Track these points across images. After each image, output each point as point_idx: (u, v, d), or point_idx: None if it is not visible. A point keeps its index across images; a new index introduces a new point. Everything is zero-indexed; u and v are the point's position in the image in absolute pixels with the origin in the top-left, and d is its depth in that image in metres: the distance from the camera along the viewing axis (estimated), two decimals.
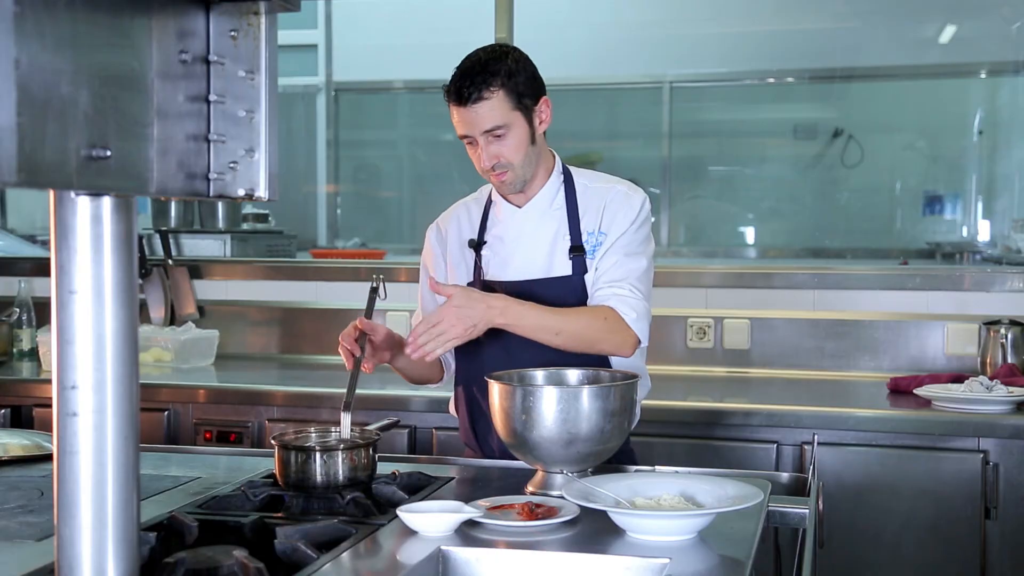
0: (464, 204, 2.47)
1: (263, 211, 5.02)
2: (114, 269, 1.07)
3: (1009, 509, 2.85)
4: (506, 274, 2.33)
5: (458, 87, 2.20)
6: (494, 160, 2.23)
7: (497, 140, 2.22)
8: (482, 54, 2.24)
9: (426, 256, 2.47)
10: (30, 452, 2.27)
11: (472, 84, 2.19)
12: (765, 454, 2.93)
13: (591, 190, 2.36)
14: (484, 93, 2.19)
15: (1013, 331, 3.35)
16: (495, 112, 2.20)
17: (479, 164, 2.27)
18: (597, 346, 2.22)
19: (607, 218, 2.31)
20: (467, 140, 2.25)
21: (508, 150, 2.23)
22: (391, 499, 1.88)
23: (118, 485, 1.09)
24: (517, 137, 2.23)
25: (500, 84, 2.20)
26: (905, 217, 6.51)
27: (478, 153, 2.25)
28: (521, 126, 2.24)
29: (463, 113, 2.21)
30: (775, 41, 6.46)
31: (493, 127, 2.21)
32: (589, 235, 2.31)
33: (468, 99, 2.19)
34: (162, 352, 3.75)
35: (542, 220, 2.33)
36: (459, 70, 2.23)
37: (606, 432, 1.91)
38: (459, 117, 2.23)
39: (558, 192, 2.35)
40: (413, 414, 3.16)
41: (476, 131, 2.22)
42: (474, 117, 2.21)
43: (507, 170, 2.25)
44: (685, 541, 1.66)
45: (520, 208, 2.35)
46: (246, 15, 1.18)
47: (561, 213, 2.33)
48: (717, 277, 3.75)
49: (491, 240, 2.36)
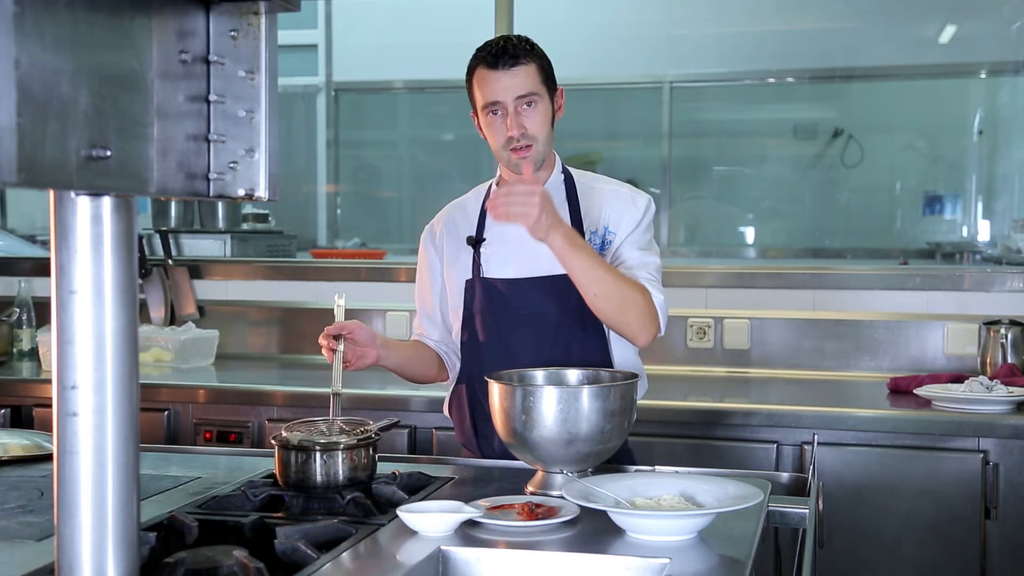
0: (459, 203, 2.47)
1: (263, 211, 5.02)
2: (114, 269, 1.07)
3: (1009, 509, 2.85)
4: (507, 271, 2.32)
5: (495, 52, 2.22)
6: (522, 130, 2.23)
7: (527, 109, 2.23)
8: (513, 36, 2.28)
9: (422, 256, 2.47)
10: (30, 452, 2.27)
11: (515, 50, 2.22)
12: (765, 454, 2.93)
13: (591, 190, 2.36)
14: (522, 59, 2.22)
15: (1013, 331, 3.35)
16: (529, 80, 2.22)
17: (501, 136, 2.23)
18: (626, 316, 2.15)
19: (613, 217, 2.32)
20: (492, 109, 2.23)
21: (535, 123, 2.24)
22: (391, 499, 1.88)
23: (118, 485, 1.09)
24: (544, 112, 2.25)
25: (535, 57, 2.25)
26: (905, 217, 6.51)
27: (503, 122, 2.23)
28: (547, 103, 2.26)
29: (497, 78, 2.21)
30: (775, 41, 6.46)
31: (527, 92, 2.22)
32: (592, 234, 2.32)
33: (504, 63, 2.20)
34: (162, 352, 3.75)
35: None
36: (491, 43, 2.24)
37: (606, 432, 1.91)
38: (491, 83, 2.22)
39: (559, 190, 2.35)
40: (413, 414, 3.16)
41: (509, 96, 2.21)
42: (511, 81, 2.21)
43: (531, 143, 2.25)
44: (685, 541, 1.66)
45: None
46: (246, 15, 1.18)
47: (563, 212, 2.33)
48: (717, 277, 3.75)
49: (491, 237, 2.36)
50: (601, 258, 2.19)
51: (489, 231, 2.36)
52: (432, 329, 2.46)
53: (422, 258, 2.46)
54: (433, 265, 2.44)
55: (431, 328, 2.46)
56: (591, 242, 2.30)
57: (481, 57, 2.25)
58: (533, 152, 2.25)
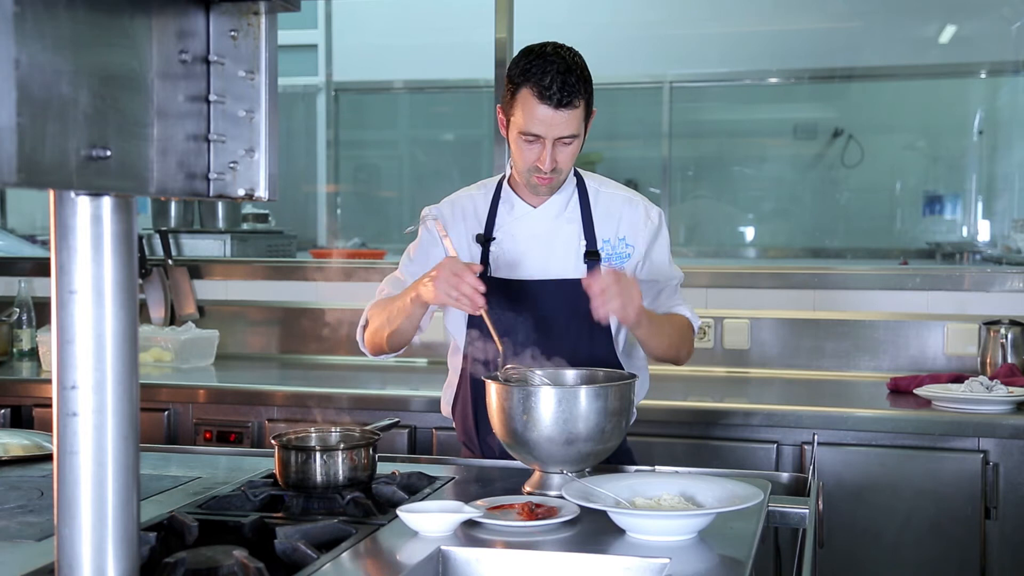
0: (469, 196, 2.43)
1: (263, 211, 5.02)
2: (114, 269, 1.07)
3: (1009, 509, 2.85)
4: (517, 272, 2.32)
5: (559, 90, 2.14)
6: (554, 164, 2.21)
7: (563, 146, 2.20)
8: (564, 53, 2.18)
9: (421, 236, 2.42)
10: (30, 452, 2.27)
11: (572, 90, 2.14)
12: (765, 454, 2.93)
13: (604, 195, 2.37)
14: (576, 101, 2.16)
15: (1013, 331, 3.35)
16: (575, 121, 2.18)
17: (531, 161, 2.22)
18: (677, 353, 2.33)
19: (629, 231, 2.35)
20: (529, 139, 2.20)
21: (567, 157, 2.23)
22: (391, 499, 1.88)
23: (118, 485, 1.09)
24: (577, 146, 2.24)
25: (585, 92, 2.19)
26: (905, 217, 6.51)
27: (537, 152, 2.21)
28: (582, 136, 2.24)
29: (549, 115, 2.15)
30: (775, 41, 6.46)
31: (570, 135, 2.19)
32: (605, 242, 2.33)
33: (561, 103, 2.14)
34: (162, 352, 3.75)
35: (557, 222, 2.34)
36: (555, 68, 2.14)
37: (605, 432, 1.91)
38: (540, 116, 2.16)
39: (572, 195, 2.35)
40: (413, 414, 3.16)
41: (552, 134, 2.18)
42: (560, 122, 2.16)
43: (557, 175, 2.25)
44: (685, 541, 1.66)
45: (535, 208, 2.34)
46: (246, 15, 1.18)
47: (576, 216, 2.34)
48: (717, 277, 3.75)
49: (501, 237, 2.35)
50: (661, 318, 2.28)
51: (500, 230, 2.35)
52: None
53: (423, 235, 2.42)
54: (434, 247, 2.38)
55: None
56: (603, 250, 2.32)
57: (534, 83, 2.15)
58: (556, 181, 2.27)
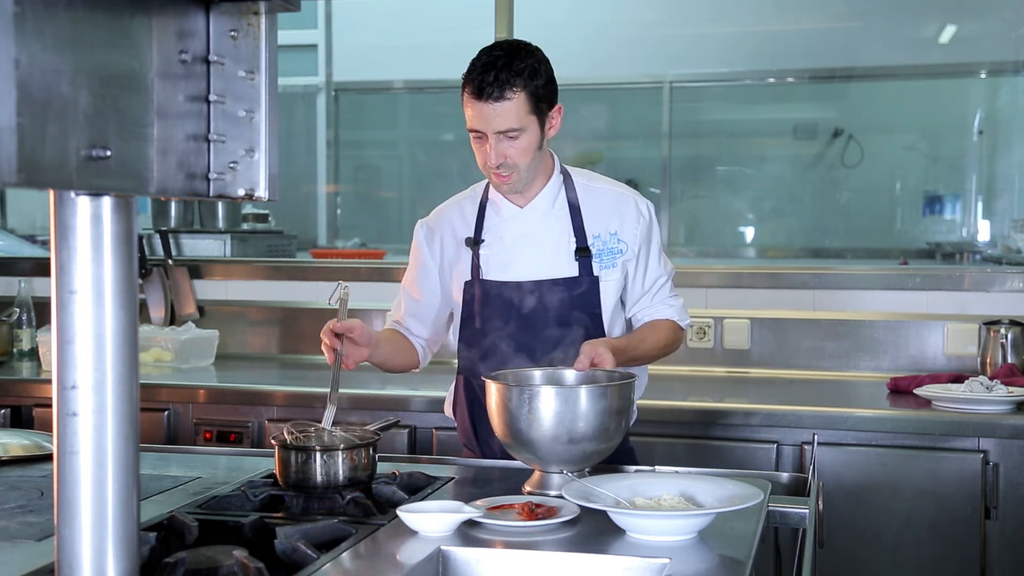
0: (456, 203, 2.44)
1: (263, 211, 5.02)
2: (114, 269, 1.07)
3: (1009, 509, 2.84)
4: (507, 274, 2.32)
5: (480, 82, 2.15)
6: (501, 159, 2.21)
7: (508, 140, 2.19)
8: (506, 48, 2.20)
9: (415, 254, 2.45)
10: (30, 452, 2.27)
11: (496, 82, 2.15)
12: (765, 454, 2.93)
13: (592, 190, 2.36)
14: (506, 93, 2.15)
15: (1013, 331, 3.35)
16: (512, 114, 2.17)
17: (483, 160, 2.24)
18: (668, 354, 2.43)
19: (619, 225, 2.34)
20: (476, 135, 2.22)
21: (517, 152, 2.21)
22: (391, 499, 1.88)
23: (118, 485, 1.09)
24: (528, 141, 2.21)
25: (522, 85, 2.17)
26: (905, 217, 6.51)
27: (485, 149, 2.21)
28: (534, 131, 2.21)
29: (480, 108, 2.17)
30: (775, 41, 6.45)
31: (508, 128, 2.18)
32: (595, 238, 2.32)
33: (489, 96, 2.15)
34: (162, 352, 3.75)
35: (544, 220, 2.33)
36: (482, 63, 2.17)
37: (607, 431, 1.91)
38: (474, 111, 2.18)
39: (559, 192, 2.34)
40: (413, 414, 3.16)
41: (490, 129, 2.18)
42: (491, 115, 2.17)
43: (512, 172, 2.23)
44: (685, 541, 1.66)
45: (522, 208, 2.34)
46: (246, 15, 1.18)
47: (564, 213, 2.33)
48: (717, 277, 3.75)
49: (490, 239, 2.35)
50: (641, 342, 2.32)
51: (488, 233, 2.35)
52: (420, 328, 2.45)
53: (416, 256, 2.44)
54: (428, 267, 2.42)
55: (418, 326, 2.44)
56: (593, 246, 2.31)
57: (470, 79, 2.18)
58: (514, 178, 2.25)
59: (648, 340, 2.34)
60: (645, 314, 2.39)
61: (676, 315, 2.40)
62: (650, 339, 2.34)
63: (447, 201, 2.47)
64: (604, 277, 2.32)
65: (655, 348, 2.36)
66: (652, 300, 2.39)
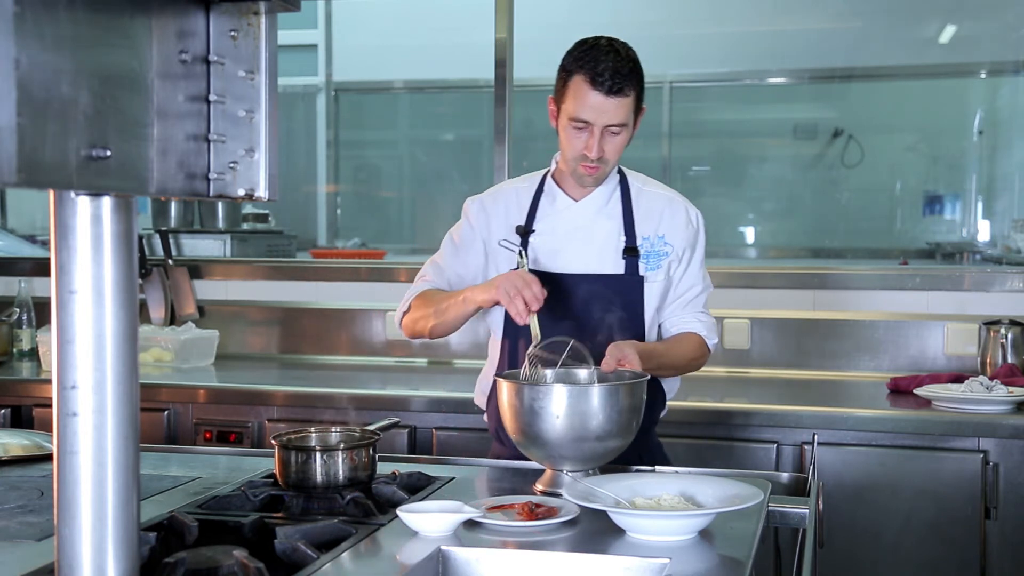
0: (513, 188, 2.44)
1: (263, 211, 5.02)
2: (114, 269, 1.07)
3: (1009, 509, 2.84)
4: (555, 265, 2.33)
5: (611, 77, 2.17)
6: (601, 153, 2.23)
7: (612, 135, 2.23)
8: (620, 45, 2.23)
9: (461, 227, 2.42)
10: (30, 452, 2.27)
11: (623, 78, 2.18)
12: (765, 454, 2.93)
13: (645, 193, 2.39)
14: (627, 89, 2.19)
15: (1013, 331, 3.35)
16: (624, 110, 2.21)
17: (578, 149, 2.24)
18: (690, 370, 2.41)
19: (669, 230, 2.36)
20: (578, 124, 2.22)
21: (615, 147, 2.25)
22: (391, 499, 1.88)
23: (118, 485, 1.09)
24: (626, 137, 2.26)
25: (635, 84, 2.22)
26: (905, 217, 6.51)
27: (584, 139, 2.23)
28: (631, 129, 2.27)
29: (600, 101, 2.19)
30: (775, 41, 6.45)
31: (618, 123, 2.21)
32: (644, 239, 2.34)
33: (611, 90, 2.18)
34: (162, 352, 3.75)
35: (597, 217, 2.35)
36: (609, 58, 2.19)
37: (618, 429, 1.92)
38: (589, 102, 2.19)
39: (615, 191, 2.37)
40: (413, 414, 3.16)
41: (601, 121, 2.20)
42: (608, 108, 2.19)
43: (604, 165, 2.27)
44: (685, 541, 1.66)
45: (577, 202, 2.35)
46: (246, 15, 1.18)
47: (616, 212, 2.35)
48: (717, 277, 3.72)
49: (541, 229, 2.36)
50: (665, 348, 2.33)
51: (540, 223, 2.36)
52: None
53: (464, 229, 2.42)
54: (474, 243, 2.40)
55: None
56: (641, 247, 2.33)
57: (587, 70, 2.19)
58: (600, 172, 2.29)
59: (674, 350, 2.34)
60: (674, 324, 2.40)
61: (705, 331, 2.40)
62: (676, 350, 2.35)
63: (503, 184, 2.49)
64: (649, 279, 2.34)
65: (681, 359, 2.36)
66: (683, 309, 2.40)
